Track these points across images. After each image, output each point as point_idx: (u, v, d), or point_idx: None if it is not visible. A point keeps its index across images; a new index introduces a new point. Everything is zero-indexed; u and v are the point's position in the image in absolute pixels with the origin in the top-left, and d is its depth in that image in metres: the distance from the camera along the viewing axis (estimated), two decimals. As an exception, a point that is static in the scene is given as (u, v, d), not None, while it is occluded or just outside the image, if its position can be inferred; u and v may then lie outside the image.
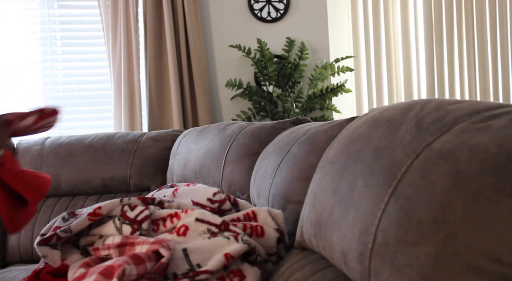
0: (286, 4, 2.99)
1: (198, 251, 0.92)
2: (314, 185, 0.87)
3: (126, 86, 2.74)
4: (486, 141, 0.52)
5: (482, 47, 3.29)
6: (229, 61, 2.96)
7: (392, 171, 0.62)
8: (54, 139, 2.19)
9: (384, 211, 0.60)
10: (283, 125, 1.59)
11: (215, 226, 0.97)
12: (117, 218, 1.03)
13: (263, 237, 1.03)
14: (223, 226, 0.98)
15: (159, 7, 2.78)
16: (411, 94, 3.27)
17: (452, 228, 0.50)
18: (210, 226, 0.98)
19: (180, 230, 0.97)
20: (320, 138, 1.15)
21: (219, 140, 1.70)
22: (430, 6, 3.23)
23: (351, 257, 0.65)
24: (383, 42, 3.22)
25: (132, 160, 2.10)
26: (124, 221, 1.02)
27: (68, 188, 2.10)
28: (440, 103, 0.66)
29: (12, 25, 2.82)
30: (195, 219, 0.98)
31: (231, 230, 0.97)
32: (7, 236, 2.06)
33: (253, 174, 1.44)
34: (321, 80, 2.84)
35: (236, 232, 0.97)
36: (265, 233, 1.03)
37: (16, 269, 1.84)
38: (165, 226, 1.01)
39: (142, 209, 1.03)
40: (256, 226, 1.03)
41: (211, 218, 0.99)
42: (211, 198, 1.13)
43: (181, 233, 0.97)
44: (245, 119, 2.87)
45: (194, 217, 0.99)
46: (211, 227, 0.98)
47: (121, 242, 0.96)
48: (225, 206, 1.12)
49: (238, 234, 0.96)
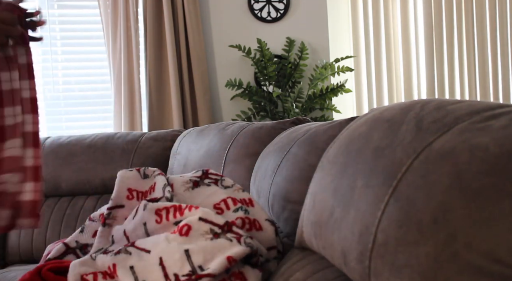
0: (286, 4, 2.99)
1: (200, 252, 0.91)
2: (314, 185, 0.87)
3: (126, 86, 2.74)
4: (486, 141, 0.52)
5: (482, 47, 3.29)
6: (229, 61, 2.96)
7: (392, 171, 0.62)
8: (54, 139, 2.19)
9: (384, 211, 0.60)
10: (283, 125, 1.59)
11: (218, 227, 0.97)
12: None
13: (261, 230, 1.05)
14: (226, 227, 0.98)
15: (159, 7, 2.78)
16: (411, 94, 3.27)
17: (452, 228, 0.50)
18: (213, 227, 0.97)
19: (182, 229, 0.97)
20: (320, 138, 1.15)
21: (219, 140, 1.70)
22: (430, 6, 3.23)
23: (351, 257, 0.65)
24: (383, 42, 3.22)
25: (132, 160, 2.10)
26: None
27: (68, 188, 2.10)
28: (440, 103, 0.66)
29: (12, 25, 2.82)
30: (198, 218, 0.98)
31: (233, 231, 0.97)
32: (7, 236, 2.06)
33: (253, 174, 1.44)
34: (321, 80, 2.84)
35: (239, 234, 0.97)
36: (262, 227, 1.05)
37: (16, 269, 1.84)
38: (168, 219, 1.00)
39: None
40: (254, 220, 1.05)
41: (215, 218, 0.99)
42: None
43: (184, 232, 0.96)
44: (245, 119, 2.87)
45: (197, 216, 0.98)
46: (214, 227, 0.97)
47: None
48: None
49: (241, 236, 0.96)
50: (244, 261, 0.96)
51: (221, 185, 1.15)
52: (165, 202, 1.04)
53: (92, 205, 2.07)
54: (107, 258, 0.95)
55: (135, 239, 1.01)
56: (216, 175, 1.17)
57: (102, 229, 1.10)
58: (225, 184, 1.15)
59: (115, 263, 0.93)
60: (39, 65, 2.85)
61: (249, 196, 1.13)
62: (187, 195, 1.11)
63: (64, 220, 2.04)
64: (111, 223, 1.11)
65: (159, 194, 1.09)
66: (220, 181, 1.16)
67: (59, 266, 1.01)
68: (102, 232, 1.10)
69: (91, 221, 1.21)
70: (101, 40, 2.86)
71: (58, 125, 2.88)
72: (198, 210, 1.00)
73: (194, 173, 1.18)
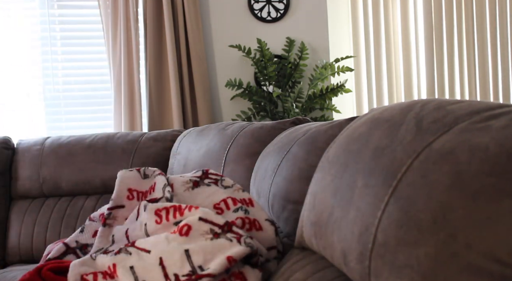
0: (286, 4, 2.99)
1: (200, 252, 0.91)
2: (314, 185, 0.87)
3: (126, 86, 2.74)
4: (486, 141, 0.52)
5: (482, 47, 3.29)
6: (229, 61, 2.96)
7: (392, 171, 0.62)
8: (54, 139, 2.19)
9: (384, 211, 0.60)
10: (283, 125, 1.59)
11: (218, 227, 0.97)
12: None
13: (261, 230, 1.05)
14: (226, 227, 0.98)
15: (159, 7, 2.78)
16: (411, 94, 3.27)
17: (452, 228, 0.50)
18: (213, 227, 0.97)
19: (182, 229, 0.97)
20: (320, 138, 1.15)
21: (219, 140, 1.70)
22: (430, 6, 3.23)
23: (351, 257, 0.65)
24: (383, 42, 3.22)
25: (132, 160, 2.10)
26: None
27: (68, 188, 2.10)
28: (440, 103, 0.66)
29: (12, 25, 2.82)
30: (198, 218, 0.98)
31: (233, 231, 0.97)
32: (7, 236, 2.06)
33: (253, 174, 1.44)
34: (321, 80, 2.84)
35: (239, 234, 0.97)
36: (262, 227, 1.05)
37: (16, 269, 1.84)
38: (168, 220, 1.00)
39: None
40: (254, 220, 1.05)
41: (215, 218, 0.99)
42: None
43: (184, 232, 0.96)
44: (245, 119, 2.87)
45: (197, 216, 0.98)
46: (214, 227, 0.97)
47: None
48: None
49: (241, 236, 0.96)
50: (244, 261, 0.96)
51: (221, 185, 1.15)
52: (165, 203, 1.04)
53: (92, 205, 2.07)
54: (107, 258, 0.95)
55: (135, 239, 1.01)
56: (216, 175, 1.18)
57: (102, 229, 1.10)
58: (225, 184, 1.15)
59: (115, 263, 0.93)
60: (39, 65, 2.85)
61: (249, 196, 1.13)
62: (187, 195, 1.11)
63: (64, 220, 2.04)
64: (111, 223, 1.11)
65: (159, 194, 1.09)
66: (220, 181, 1.16)
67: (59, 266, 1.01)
68: (102, 232, 1.10)
69: (91, 221, 1.21)
70: (101, 40, 2.86)
71: (58, 125, 2.88)
72: (198, 210, 1.00)
73: (194, 173, 1.18)
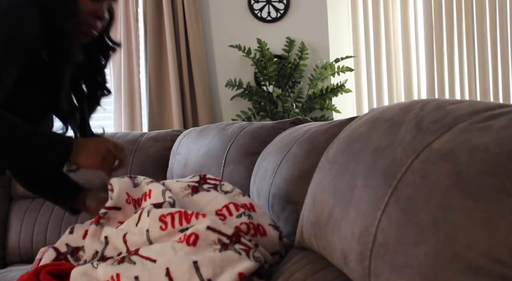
0: (286, 4, 2.99)
1: (209, 264, 0.89)
2: (314, 185, 0.87)
3: (126, 86, 2.74)
4: (486, 141, 0.52)
5: (482, 47, 3.29)
6: (229, 61, 2.96)
7: (392, 171, 0.62)
8: (54, 139, 2.19)
9: (384, 211, 0.60)
10: (283, 125, 1.59)
11: (226, 237, 0.94)
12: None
13: (266, 236, 1.04)
14: (234, 238, 0.95)
15: (159, 7, 2.78)
16: (411, 94, 3.27)
17: (452, 228, 0.50)
18: (221, 237, 0.94)
19: (190, 239, 0.93)
20: (320, 138, 1.15)
21: (219, 140, 1.70)
22: (430, 6, 3.23)
23: (351, 257, 0.65)
24: (383, 42, 3.22)
25: (132, 160, 2.09)
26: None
27: (68, 188, 2.09)
28: (440, 103, 0.66)
29: (12, 25, 2.82)
30: (206, 227, 0.94)
31: (242, 242, 0.95)
32: (7, 236, 2.06)
33: (253, 174, 1.44)
34: (321, 80, 2.84)
35: (247, 246, 0.94)
36: (267, 232, 1.04)
37: (16, 269, 1.84)
38: (173, 226, 0.97)
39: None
40: (258, 225, 1.04)
41: (223, 228, 0.96)
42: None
43: (191, 242, 0.92)
44: (245, 119, 2.87)
45: (205, 225, 0.95)
46: (222, 237, 0.94)
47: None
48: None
49: (250, 248, 0.94)
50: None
51: (220, 190, 1.13)
52: (170, 208, 1.01)
53: (92, 205, 2.07)
54: (109, 267, 0.92)
55: (133, 246, 0.98)
56: (214, 180, 1.16)
57: (94, 228, 1.07)
58: (224, 189, 1.14)
59: (118, 273, 0.89)
60: (39, 65, 2.84)
61: (249, 200, 1.12)
62: (187, 201, 1.09)
63: (64, 220, 2.04)
64: (104, 223, 1.08)
65: (159, 199, 1.06)
66: (220, 186, 1.15)
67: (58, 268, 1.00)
68: (94, 232, 1.06)
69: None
70: (101, 40, 2.85)
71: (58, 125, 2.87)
72: (206, 219, 0.96)
73: (190, 178, 1.16)
